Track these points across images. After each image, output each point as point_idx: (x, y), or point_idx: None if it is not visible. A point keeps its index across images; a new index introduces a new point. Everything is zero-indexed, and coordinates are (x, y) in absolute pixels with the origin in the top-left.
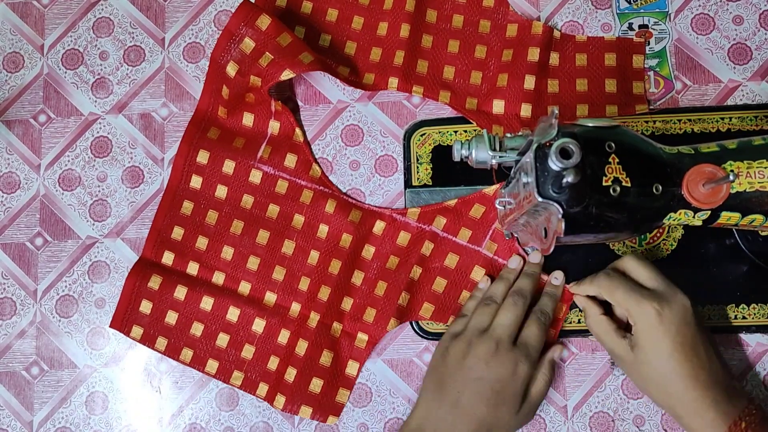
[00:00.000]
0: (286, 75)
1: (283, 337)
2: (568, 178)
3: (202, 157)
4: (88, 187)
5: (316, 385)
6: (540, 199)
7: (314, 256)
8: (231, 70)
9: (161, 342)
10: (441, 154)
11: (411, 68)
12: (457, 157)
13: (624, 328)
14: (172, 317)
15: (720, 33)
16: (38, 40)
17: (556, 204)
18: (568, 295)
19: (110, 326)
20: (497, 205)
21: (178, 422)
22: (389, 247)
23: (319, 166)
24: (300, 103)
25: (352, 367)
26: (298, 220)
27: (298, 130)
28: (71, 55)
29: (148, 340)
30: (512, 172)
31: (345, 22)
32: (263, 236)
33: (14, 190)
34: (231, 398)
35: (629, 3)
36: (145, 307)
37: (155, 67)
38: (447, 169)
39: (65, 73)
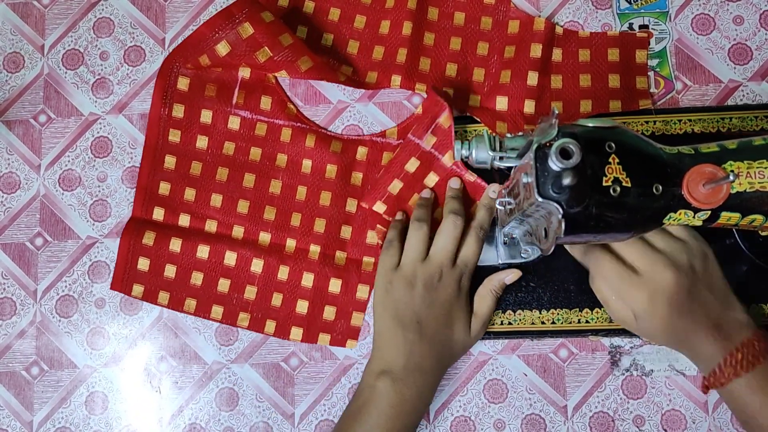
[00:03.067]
0: (282, 75)
1: (283, 273)
2: (566, 180)
3: (177, 110)
4: (88, 187)
5: (330, 312)
6: (540, 200)
7: (302, 191)
8: (222, 49)
9: (163, 296)
10: None
11: (414, 66)
12: (457, 157)
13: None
14: (170, 270)
15: (720, 33)
16: (38, 40)
17: (556, 204)
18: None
19: (111, 288)
20: (497, 206)
21: (178, 422)
22: (376, 171)
23: (293, 103)
24: (300, 103)
25: (362, 291)
26: (282, 158)
27: (269, 73)
28: (71, 55)
29: (149, 297)
30: (512, 172)
31: (347, 21)
32: (249, 179)
33: (14, 190)
34: (231, 398)
35: (629, 3)
36: (143, 264)
37: (155, 67)
38: None
39: (65, 73)
